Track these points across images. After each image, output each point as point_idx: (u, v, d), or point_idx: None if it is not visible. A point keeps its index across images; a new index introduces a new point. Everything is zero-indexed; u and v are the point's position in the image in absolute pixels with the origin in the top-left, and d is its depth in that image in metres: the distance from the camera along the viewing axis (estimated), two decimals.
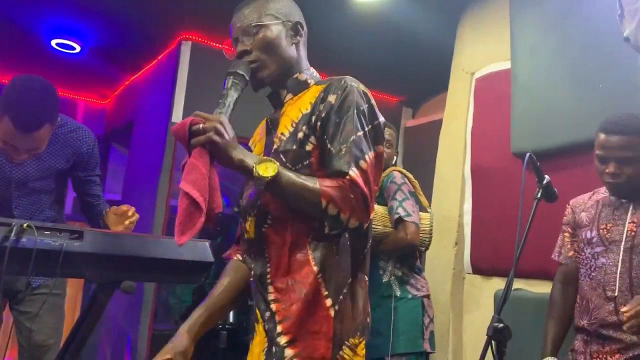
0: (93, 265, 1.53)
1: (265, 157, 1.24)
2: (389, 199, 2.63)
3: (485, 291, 2.89)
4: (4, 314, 2.39)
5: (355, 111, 1.31)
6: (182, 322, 1.45)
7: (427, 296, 2.66)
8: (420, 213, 2.66)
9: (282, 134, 1.40)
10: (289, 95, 1.45)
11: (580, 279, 1.95)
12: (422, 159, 3.35)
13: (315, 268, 1.30)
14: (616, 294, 1.79)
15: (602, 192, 1.99)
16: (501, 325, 1.60)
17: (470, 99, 3.21)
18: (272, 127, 1.47)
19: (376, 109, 1.37)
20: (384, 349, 2.58)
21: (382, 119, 1.38)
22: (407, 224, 2.53)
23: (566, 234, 2.08)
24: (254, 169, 1.21)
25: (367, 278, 1.41)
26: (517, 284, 2.57)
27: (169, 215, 3.73)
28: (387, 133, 2.83)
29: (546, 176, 1.81)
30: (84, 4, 3.35)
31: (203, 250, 1.78)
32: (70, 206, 5.03)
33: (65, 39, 3.88)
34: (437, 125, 3.52)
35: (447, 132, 3.35)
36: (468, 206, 3.06)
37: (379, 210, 2.62)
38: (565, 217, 2.10)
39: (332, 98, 1.34)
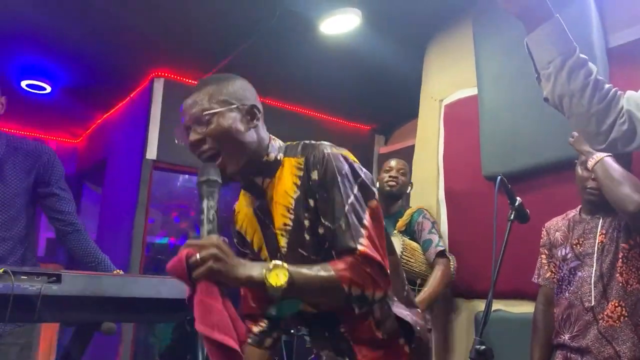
0: (72, 307, 1.52)
1: (274, 264, 1.15)
2: (425, 232, 2.79)
3: (466, 313, 2.91)
4: None
5: (339, 178, 1.28)
6: None
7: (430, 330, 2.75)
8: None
9: (284, 225, 1.35)
10: (267, 180, 1.38)
11: (559, 295, 1.99)
12: None
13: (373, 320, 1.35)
14: (592, 304, 1.84)
15: (573, 212, 2.06)
16: (483, 347, 1.63)
17: (440, 125, 3.28)
18: (264, 218, 1.41)
19: (357, 166, 1.33)
20: None
21: (365, 173, 1.34)
22: (447, 259, 2.73)
23: (543, 256, 2.13)
24: (266, 282, 1.14)
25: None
26: (496, 304, 2.60)
27: (146, 252, 3.70)
28: (401, 163, 2.99)
29: (518, 198, 1.87)
30: (53, 44, 3.36)
31: (184, 288, 1.77)
32: (44, 248, 4.94)
33: (36, 80, 3.87)
34: (409, 151, 3.58)
35: (419, 158, 3.41)
36: (444, 229, 3.11)
37: (410, 244, 2.73)
38: (541, 240, 2.15)
39: (314, 175, 1.30)
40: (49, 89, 4.01)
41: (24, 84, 3.92)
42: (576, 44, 1.29)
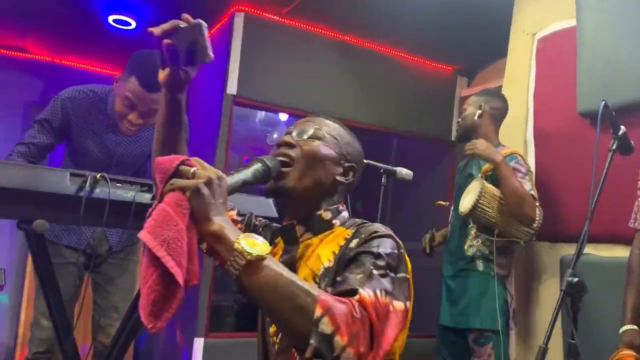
0: None
1: (254, 235, 0.96)
2: None
3: (551, 257, 2.81)
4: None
5: (372, 256, 1.06)
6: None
7: (507, 276, 2.65)
8: None
9: None
10: (307, 235, 1.23)
11: None
12: None
13: None
14: None
15: None
16: (576, 279, 1.55)
17: (531, 61, 3.09)
18: None
19: (398, 257, 1.09)
20: (461, 321, 2.60)
21: (401, 277, 1.07)
22: (535, 202, 2.53)
23: None
24: (237, 241, 0.92)
25: None
26: (586, 248, 2.48)
27: None
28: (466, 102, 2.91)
29: (622, 127, 1.73)
30: None
31: (267, 206, 1.79)
32: None
33: (122, 15, 3.95)
34: None
35: (507, 97, 3.24)
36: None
37: (490, 191, 2.54)
38: (639, 182, 2.02)
39: (353, 243, 1.12)
40: (134, 24, 4.08)
41: (110, 19, 4.01)
42: None
